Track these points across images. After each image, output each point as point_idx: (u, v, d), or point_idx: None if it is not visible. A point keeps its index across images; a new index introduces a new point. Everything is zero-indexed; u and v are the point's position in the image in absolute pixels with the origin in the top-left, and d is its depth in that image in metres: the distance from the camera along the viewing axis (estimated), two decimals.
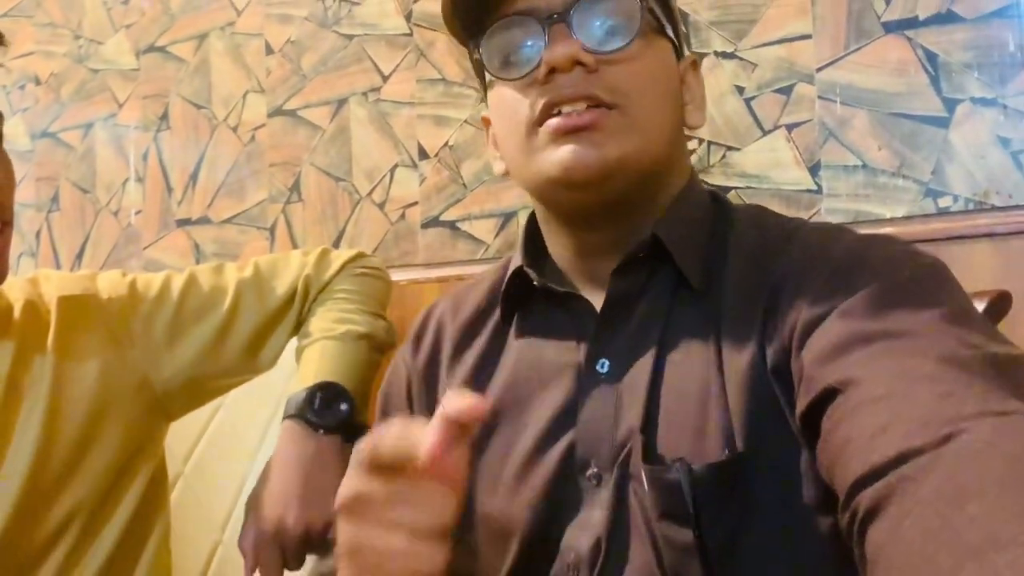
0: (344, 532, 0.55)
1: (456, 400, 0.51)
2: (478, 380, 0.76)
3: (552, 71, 0.67)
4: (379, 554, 0.52)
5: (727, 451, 0.62)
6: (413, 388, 0.82)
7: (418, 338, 0.83)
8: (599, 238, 0.72)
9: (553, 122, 0.67)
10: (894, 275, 0.61)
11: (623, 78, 0.68)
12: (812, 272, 0.64)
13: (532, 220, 0.79)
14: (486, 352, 0.77)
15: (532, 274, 0.74)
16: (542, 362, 0.73)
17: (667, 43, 0.73)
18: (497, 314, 0.78)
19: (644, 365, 0.67)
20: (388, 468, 0.53)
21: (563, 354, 0.72)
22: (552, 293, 0.73)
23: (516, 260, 0.77)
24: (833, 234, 0.68)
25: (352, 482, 0.54)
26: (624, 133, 0.67)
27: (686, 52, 0.77)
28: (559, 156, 0.67)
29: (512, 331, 0.77)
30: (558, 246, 0.76)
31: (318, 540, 0.90)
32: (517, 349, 0.75)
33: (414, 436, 0.51)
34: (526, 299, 0.76)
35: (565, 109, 0.67)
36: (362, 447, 0.53)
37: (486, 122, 0.80)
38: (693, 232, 0.71)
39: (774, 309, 0.64)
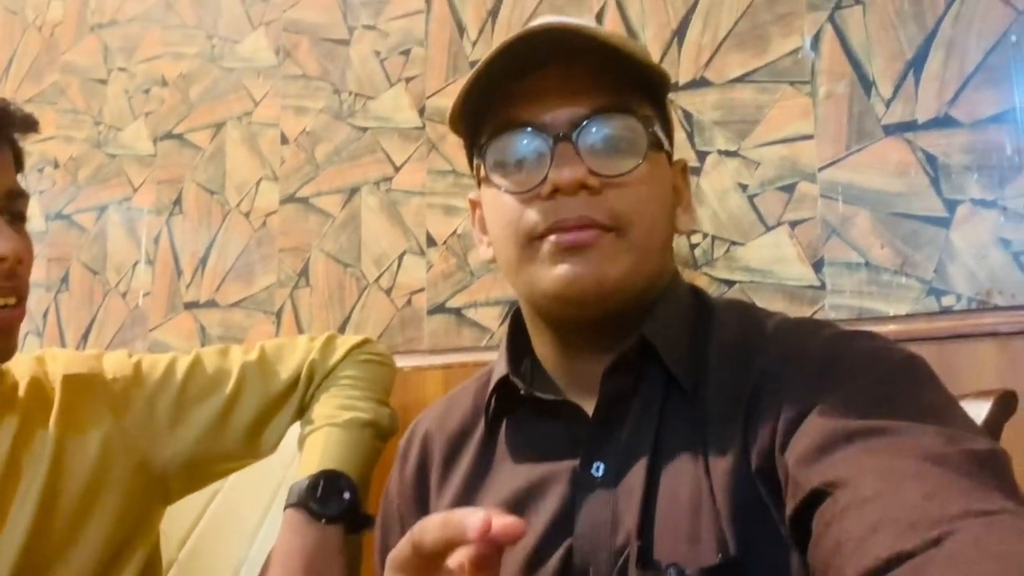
0: None
1: (497, 520, 0.49)
2: (469, 496, 0.75)
3: (556, 190, 0.67)
4: None
5: (720, 555, 0.61)
6: (403, 508, 0.81)
7: (404, 457, 0.83)
8: (588, 340, 0.73)
9: (553, 238, 0.68)
10: (871, 371, 0.62)
11: (625, 202, 0.68)
12: (790, 371, 0.64)
13: (517, 316, 0.79)
14: (475, 467, 0.76)
15: (518, 383, 0.73)
16: (535, 473, 0.72)
17: (664, 155, 0.74)
18: (482, 428, 0.77)
19: (639, 469, 0.67)
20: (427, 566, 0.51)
21: (556, 462, 0.71)
22: (540, 400, 0.73)
23: (500, 368, 0.76)
24: (809, 330, 0.69)
25: None
26: (622, 254, 0.68)
27: (685, 154, 0.79)
28: (557, 273, 0.68)
29: (501, 442, 0.76)
30: (545, 346, 0.76)
31: None
32: (508, 462, 0.74)
33: (456, 520, 0.50)
34: (513, 407, 0.75)
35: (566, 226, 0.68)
36: (399, 546, 0.52)
37: (474, 205, 0.81)
38: (679, 332, 0.71)
39: (756, 410, 0.64)
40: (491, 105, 0.72)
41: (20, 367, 0.95)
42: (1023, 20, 1.06)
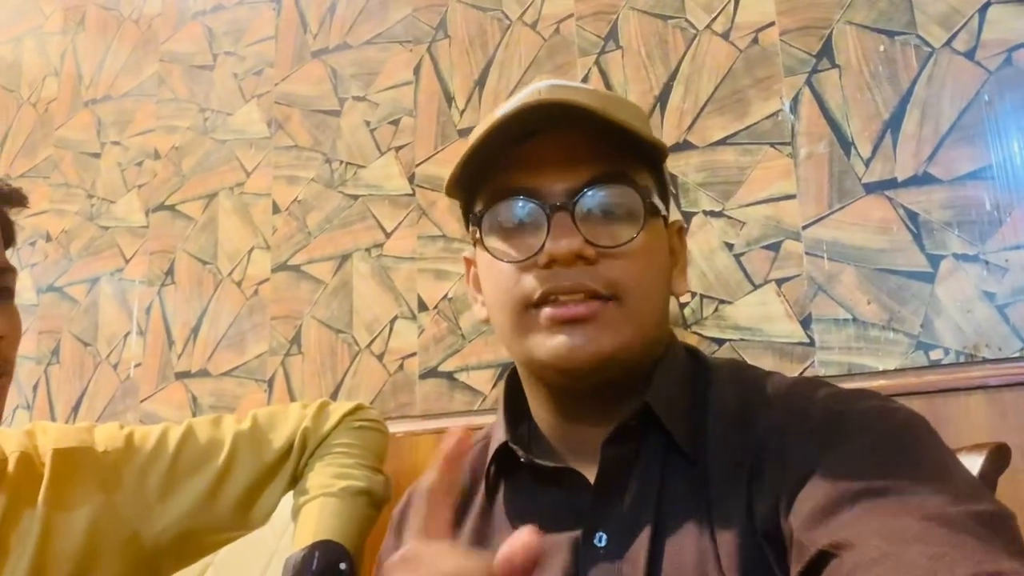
0: None
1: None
2: None
3: (553, 260, 0.67)
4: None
5: None
6: None
7: (400, 527, 0.81)
8: (586, 407, 0.72)
9: (549, 311, 0.67)
10: (873, 431, 0.61)
11: (622, 272, 0.68)
12: (792, 433, 0.64)
13: (513, 378, 0.78)
14: (475, 534, 0.74)
15: (518, 451, 0.72)
16: None
17: (661, 220, 0.74)
18: (482, 493, 0.76)
19: (643, 538, 0.66)
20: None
21: (558, 532, 0.69)
22: (540, 467, 0.72)
23: (499, 435, 0.75)
24: (809, 390, 0.68)
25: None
26: (619, 325, 0.68)
27: (672, 216, 0.79)
28: (554, 344, 0.67)
29: (501, 510, 0.74)
30: (542, 410, 0.75)
31: None
32: (508, 529, 0.72)
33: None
34: (513, 472, 0.74)
35: (562, 297, 0.67)
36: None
37: (468, 263, 0.80)
38: (679, 397, 0.71)
39: (759, 473, 0.64)
40: (489, 171, 0.71)
41: (10, 442, 0.94)
42: (994, 80, 1.09)
